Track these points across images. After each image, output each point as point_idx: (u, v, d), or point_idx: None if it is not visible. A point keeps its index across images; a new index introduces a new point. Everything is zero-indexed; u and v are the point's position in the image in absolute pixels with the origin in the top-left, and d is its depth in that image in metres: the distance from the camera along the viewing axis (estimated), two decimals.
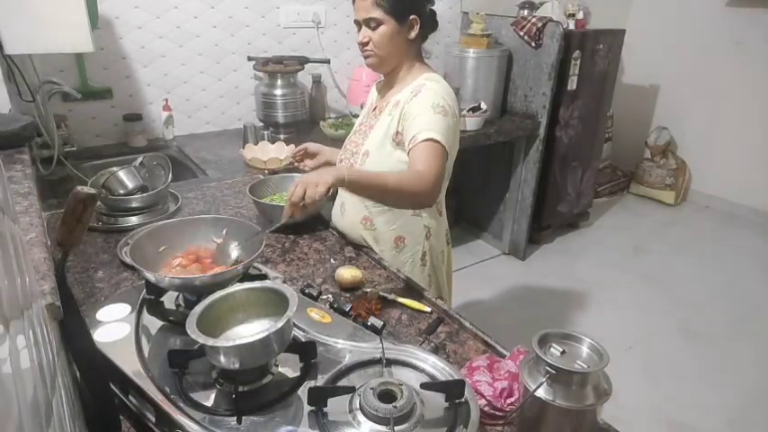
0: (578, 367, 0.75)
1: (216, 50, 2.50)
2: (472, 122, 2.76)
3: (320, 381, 0.78)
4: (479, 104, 2.82)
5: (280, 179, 1.62)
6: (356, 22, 1.33)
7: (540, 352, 0.76)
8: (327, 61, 2.71)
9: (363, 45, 1.32)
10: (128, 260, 1.21)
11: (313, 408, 0.73)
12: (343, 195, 1.46)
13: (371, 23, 1.28)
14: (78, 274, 1.23)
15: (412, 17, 1.29)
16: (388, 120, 1.34)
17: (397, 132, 1.31)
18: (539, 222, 3.36)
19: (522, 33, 2.92)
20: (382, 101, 1.42)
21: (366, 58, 1.35)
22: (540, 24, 2.84)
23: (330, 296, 1.18)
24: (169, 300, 0.97)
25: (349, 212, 1.45)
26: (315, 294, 1.03)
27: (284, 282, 1.19)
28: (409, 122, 1.27)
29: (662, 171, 4.11)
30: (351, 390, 0.75)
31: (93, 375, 0.76)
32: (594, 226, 3.79)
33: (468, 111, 2.76)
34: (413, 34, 1.31)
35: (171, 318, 0.93)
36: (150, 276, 0.91)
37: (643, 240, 3.61)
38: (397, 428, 0.69)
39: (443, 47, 3.17)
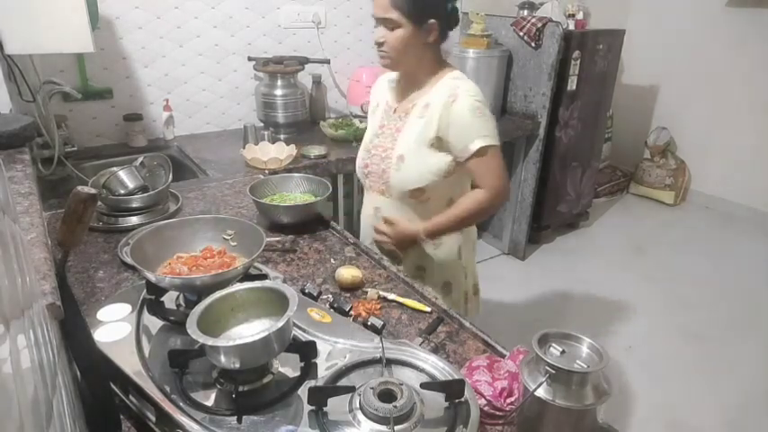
0: (578, 367, 0.75)
1: (216, 51, 2.51)
2: None
3: (320, 380, 0.79)
4: None
5: (280, 179, 1.62)
6: (374, 17, 1.28)
7: (540, 352, 0.77)
8: (327, 61, 2.71)
9: (379, 45, 1.29)
10: (128, 260, 1.21)
11: (313, 407, 0.73)
12: (378, 200, 1.45)
13: (388, 24, 1.24)
14: (79, 274, 1.23)
15: (431, 21, 1.25)
16: (420, 123, 1.31)
17: (438, 138, 1.30)
18: (539, 222, 3.37)
19: (521, 34, 2.92)
20: (405, 102, 1.39)
21: (381, 58, 1.32)
22: (539, 24, 2.84)
23: (330, 296, 1.18)
24: (169, 299, 0.98)
25: (385, 215, 1.44)
26: (315, 294, 1.03)
27: (284, 282, 1.19)
28: (457, 132, 1.27)
29: (661, 171, 4.12)
30: (351, 389, 0.75)
31: (93, 375, 0.76)
32: (594, 226, 3.79)
33: None
34: (431, 39, 1.27)
35: (171, 317, 0.93)
36: (150, 276, 0.91)
37: (643, 240, 3.62)
38: (397, 428, 0.69)
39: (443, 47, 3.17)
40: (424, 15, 1.23)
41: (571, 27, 3.11)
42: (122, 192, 1.52)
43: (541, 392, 0.76)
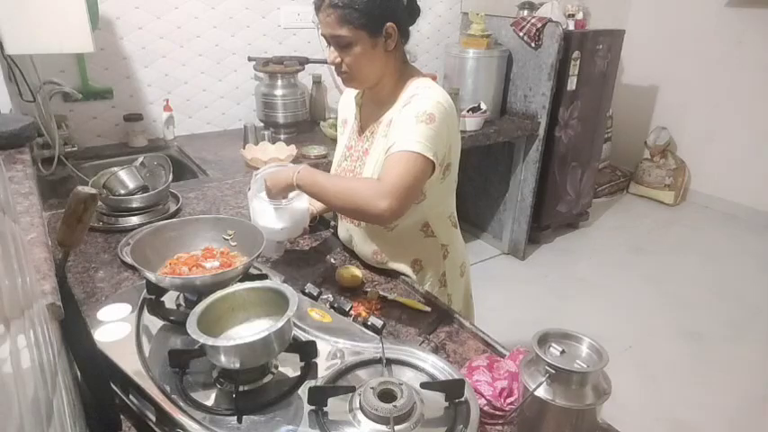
0: (578, 367, 0.75)
1: (216, 51, 2.51)
2: (472, 123, 2.76)
3: (320, 380, 0.79)
4: (479, 105, 2.82)
5: None
6: (323, 36, 1.14)
7: (540, 351, 0.77)
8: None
9: (336, 66, 1.16)
10: (128, 260, 1.21)
11: (313, 407, 0.73)
12: (350, 228, 1.35)
13: (341, 41, 1.11)
14: (79, 274, 1.23)
15: (388, 25, 1.10)
16: (383, 142, 1.18)
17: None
18: (538, 222, 3.37)
19: (521, 34, 2.92)
20: (372, 121, 1.26)
21: (342, 80, 1.19)
22: (539, 25, 2.84)
23: (330, 296, 1.18)
24: (170, 299, 0.98)
25: (359, 245, 1.35)
26: (315, 294, 1.03)
27: (284, 282, 1.19)
28: (394, 131, 1.13)
29: (661, 171, 4.12)
30: (351, 389, 0.75)
31: (93, 375, 0.76)
32: (594, 226, 3.79)
33: (468, 111, 2.77)
34: (392, 44, 1.13)
35: (171, 317, 0.93)
36: (151, 276, 0.91)
37: (643, 240, 3.62)
38: (397, 428, 0.69)
39: (443, 47, 3.17)
40: (378, 21, 1.09)
41: (571, 27, 3.10)
42: (122, 192, 1.52)
43: (541, 392, 0.76)
